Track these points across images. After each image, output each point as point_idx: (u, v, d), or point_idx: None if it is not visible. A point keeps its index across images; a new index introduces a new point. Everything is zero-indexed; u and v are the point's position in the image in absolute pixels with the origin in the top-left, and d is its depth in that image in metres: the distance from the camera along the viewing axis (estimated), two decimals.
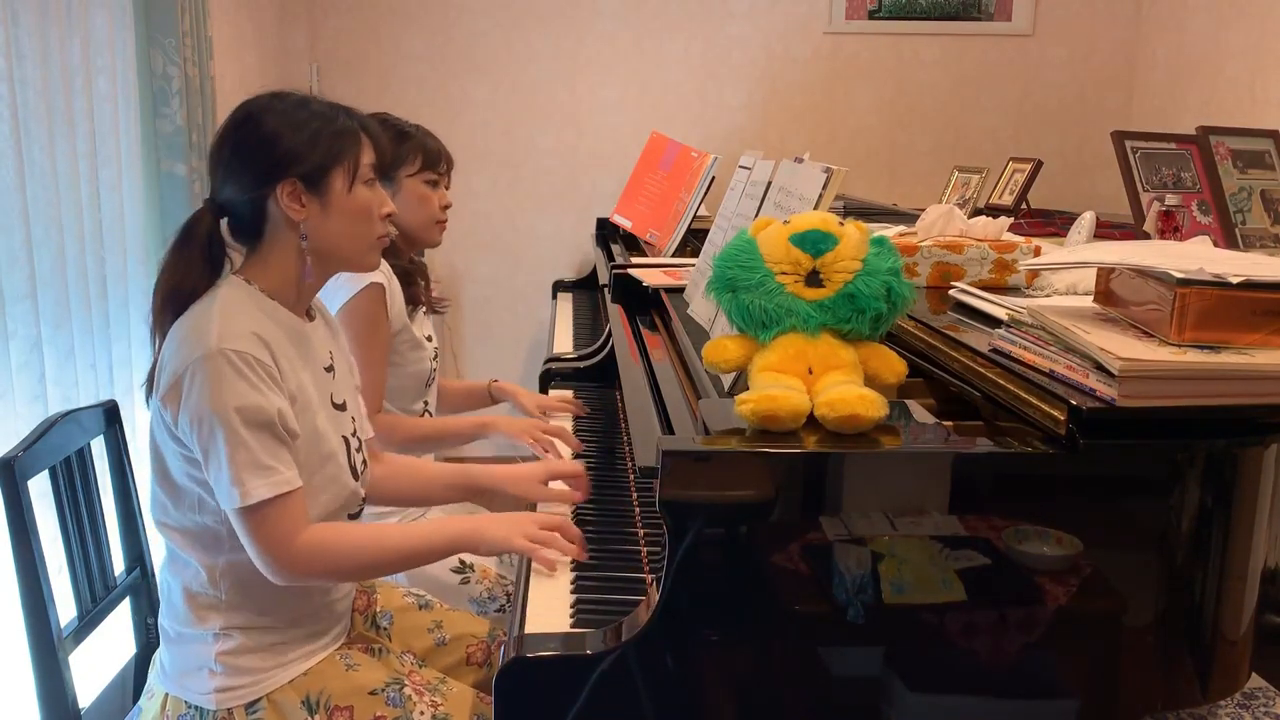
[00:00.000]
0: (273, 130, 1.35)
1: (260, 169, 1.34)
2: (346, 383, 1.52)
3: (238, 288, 1.37)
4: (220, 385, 1.26)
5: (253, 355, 1.29)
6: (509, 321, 3.96)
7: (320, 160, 1.36)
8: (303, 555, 1.31)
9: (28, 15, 2.13)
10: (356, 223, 1.40)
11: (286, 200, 1.35)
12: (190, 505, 1.34)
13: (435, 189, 2.06)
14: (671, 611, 1.11)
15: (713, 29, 3.81)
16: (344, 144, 1.38)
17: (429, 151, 2.04)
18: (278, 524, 1.29)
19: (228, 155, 1.37)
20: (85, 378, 2.33)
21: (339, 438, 1.43)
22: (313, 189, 1.36)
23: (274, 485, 1.28)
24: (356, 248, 1.42)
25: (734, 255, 1.23)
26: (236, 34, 3.26)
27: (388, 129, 2.00)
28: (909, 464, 1.13)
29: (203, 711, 1.36)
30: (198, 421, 1.27)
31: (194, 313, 1.33)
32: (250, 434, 1.27)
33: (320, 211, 1.37)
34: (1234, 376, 1.07)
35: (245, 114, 1.38)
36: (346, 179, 1.38)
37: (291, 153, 1.34)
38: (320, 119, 1.37)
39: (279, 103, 1.38)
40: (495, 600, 1.90)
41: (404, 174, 2.01)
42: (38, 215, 2.18)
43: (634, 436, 1.60)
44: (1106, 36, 3.83)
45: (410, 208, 2.02)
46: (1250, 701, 2.29)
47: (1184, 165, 2.50)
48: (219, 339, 1.27)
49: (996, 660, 1.13)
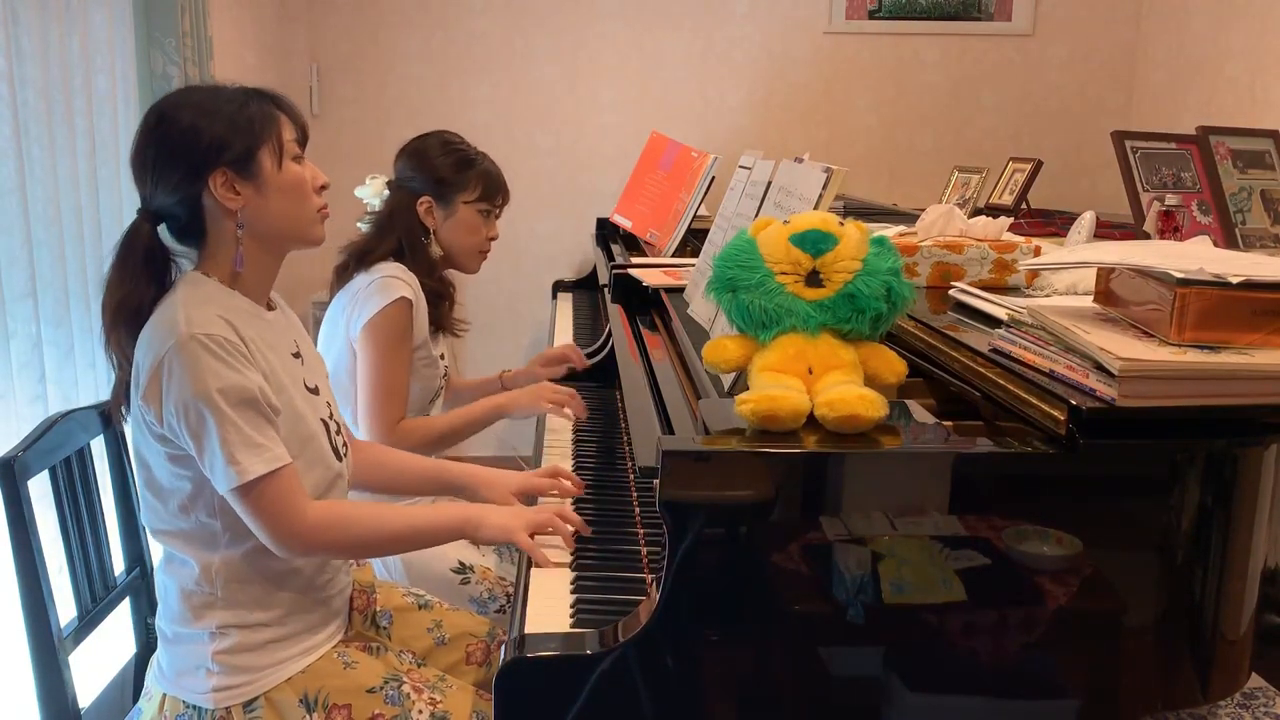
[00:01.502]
0: (190, 125, 1.33)
1: (187, 166, 1.33)
2: (317, 369, 1.53)
3: (197, 282, 1.37)
4: (199, 369, 1.27)
5: (223, 336, 1.29)
6: (509, 321, 3.96)
7: (245, 144, 1.35)
8: (312, 528, 1.33)
9: (27, 14, 2.13)
10: (293, 200, 1.40)
11: (221, 191, 1.34)
12: (180, 506, 1.34)
13: (487, 219, 2.11)
14: (671, 611, 1.11)
15: (713, 29, 3.81)
16: (264, 123, 1.37)
17: (490, 183, 2.09)
18: (277, 499, 1.30)
19: (151, 159, 1.35)
20: (85, 377, 2.33)
21: (317, 420, 1.44)
22: (244, 174, 1.35)
23: (268, 461, 1.29)
24: (299, 224, 1.42)
25: (734, 255, 1.23)
26: (236, 34, 3.26)
27: (454, 152, 2.06)
28: (909, 464, 1.13)
29: (201, 711, 1.36)
30: (182, 409, 1.27)
31: (159, 312, 1.33)
32: (236, 413, 1.28)
33: (256, 195, 1.36)
34: (1234, 376, 1.07)
35: (158, 115, 1.36)
36: (274, 158, 1.37)
37: (215, 143, 1.33)
38: (233, 104, 1.36)
39: (189, 97, 1.39)
40: (495, 600, 1.90)
41: (461, 199, 2.06)
42: (38, 215, 2.18)
43: (634, 436, 1.60)
44: (1106, 36, 3.83)
45: (459, 233, 2.07)
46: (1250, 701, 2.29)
47: (1184, 165, 2.50)
48: (188, 325, 1.28)
49: (996, 660, 1.13)
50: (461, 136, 2.14)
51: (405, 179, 2.07)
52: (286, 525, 1.31)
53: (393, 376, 1.91)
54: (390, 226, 2.03)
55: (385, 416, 1.89)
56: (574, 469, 1.84)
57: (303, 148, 1.43)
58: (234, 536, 1.34)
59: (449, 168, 2.05)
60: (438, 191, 2.05)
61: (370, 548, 1.50)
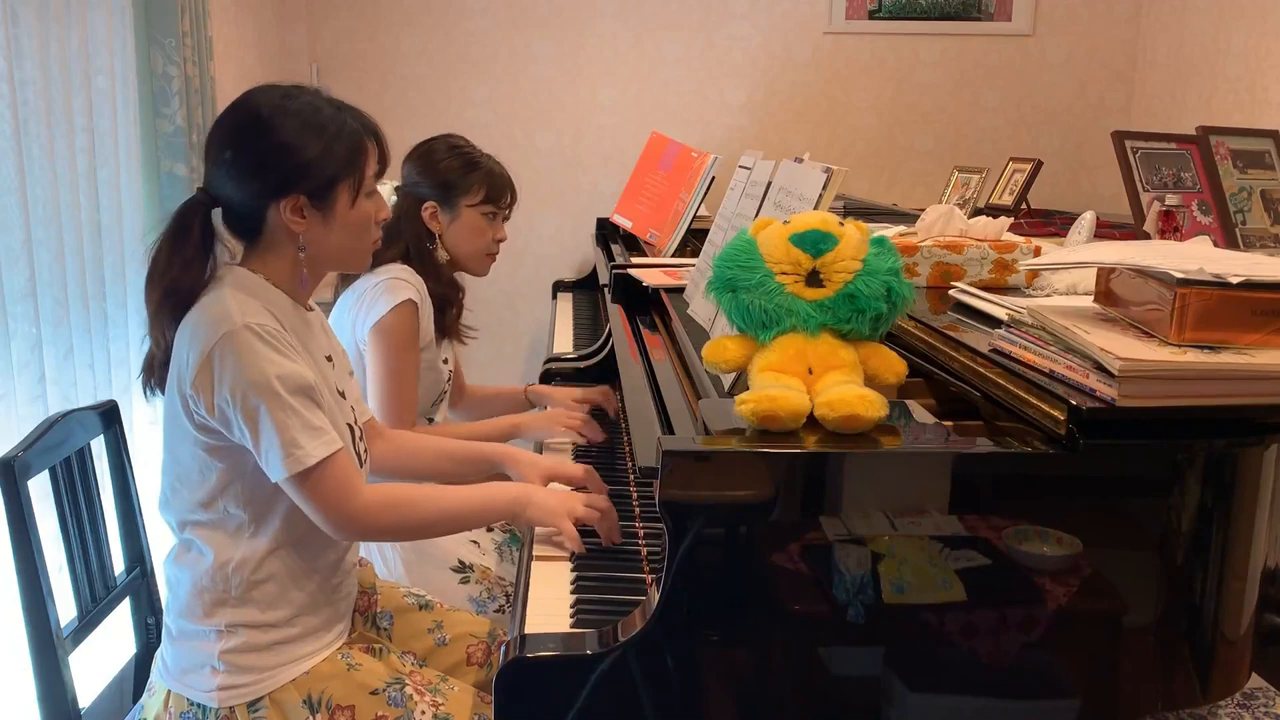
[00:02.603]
0: (282, 142, 1.33)
1: (266, 181, 1.34)
2: (345, 373, 1.54)
3: (244, 276, 1.37)
4: (255, 357, 1.28)
5: (274, 328, 1.31)
6: (509, 321, 3.95)
7: (328, 177, 1.35)
8: (369, 510, 1.35)
9: (27, 14, 2.13)
10: (355, 236, 1.41)
11: (289, 214, 1.34)
12: (208, 495, 1.34)
13: (493, 221, 2.09)
14: (671, 611, 1.11)
15: (713, 29, 3.81)
16: (352, 158, 1.37)
17: (495, 184, 2.08)
18: (336, 481, 1.31)
19: (230, 156, 1.35)
20: (84, 377, 2.33)
21: (344, 425, 1.45)
22: (317, 204, 1.35)
23: (326, 444, 1.30)
24: (351, 256, 1.44)
25: (734, 255, 1.23)
26: (236, 34, 3.26)
27: (458, 156, 2.06)
28: (909, 464, 1.13)
29: (205, 709, 1.36)
30: (239, 396, 1.27)
31: (206, 301, 1.33)
32: (294, 399, 1.29)
33: (321, 224, 1.37)
34: (1234, 376, 1.07)
35: (254, 115, 1.35)
36: (351, 194, 1.38)
37: (299, 168, 1.33)
38: (330, 128, 1.35)
39: (290, 104, 1.36)
40: (495, 600, 1.90)
41: (465, 202, 2.05)
42: (38, 215, 2.18)
43: (634, 436, 1.60)
44: (1106, 36, 3.83)
45: (464, 237, 2.07)
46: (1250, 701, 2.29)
47: (1184, 165, 2.50)
48: (241, 315, 1.29)
49: (996, 660, 1.13)
50: (467, 139, 2.14)
51: (411, 184, 2.07)
52: (346, 507, 1.33)
53: (402, 381, 1.91)
54: (397, 232, 2.02)
55: (396, 420, 1.89)
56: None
57: (380, 178, 1.44)
58: (258, 529, 1.35)
59: (452, 171, 2.05)
60: (442, 196, 2.05)
61: (425, 528, 1.52)
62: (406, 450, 1.69)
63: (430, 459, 1.72)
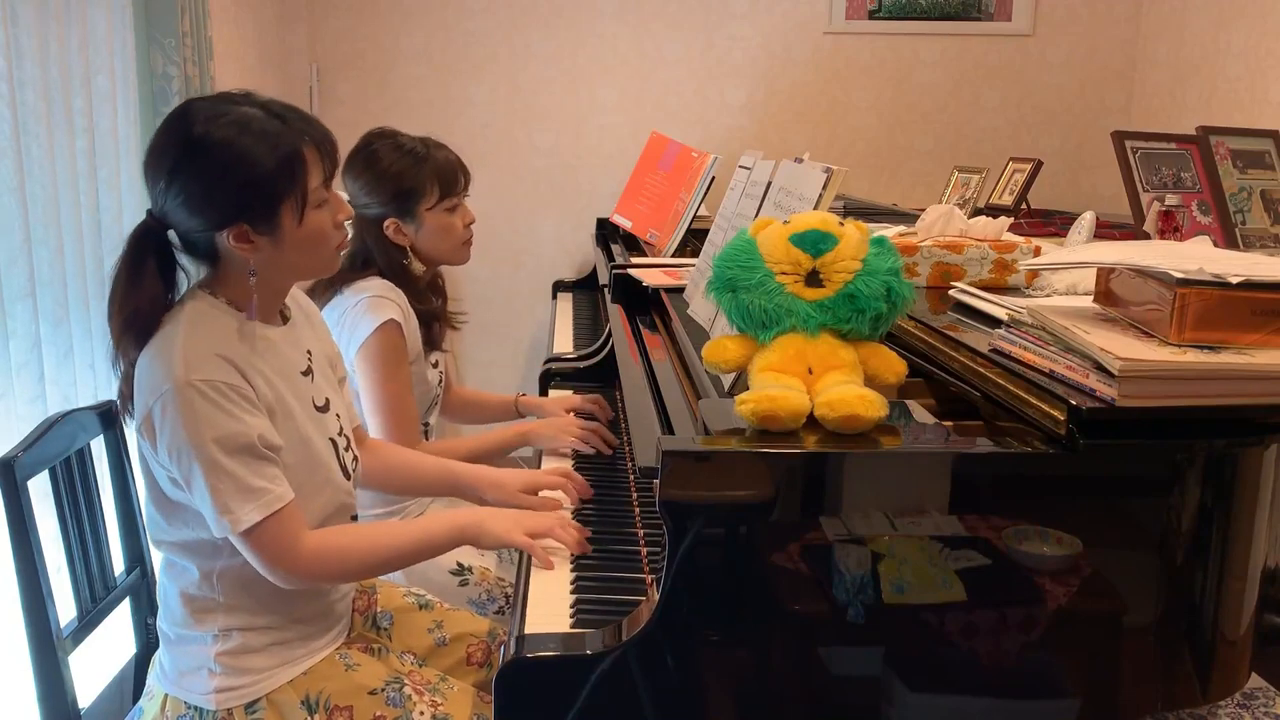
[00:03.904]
0: (214, 172, 1.26)
1: (207, 215, 1.28)
2: (326, 380, 1.49)
3: (201, 302, 1.33)
4: (194, 418, 1.24)
5: (222, 381, 1.25)
6: (509, 321, 3.96)
7: (267, 198, 1.28)
8: (309, 562, 1.32)
9: (27, 14, 2.13)
10: (311, 250, 1.34)
11: (235, 243, 1.29)
12: (184, 521, 1.33)
13: (456, 213, 2.01)
14: (671, 611, 1.11)
15: (713, 29, 3.81)
16: (289, 174, 1.28)
17: (444, 177, 1.97)
18: (275, 540, 1.29)
19: (164, 186, 1.28)
20: (84, 377, 2.33)
21: (325, 440, 1.42)
22: (262, 229, 1.29)
23: (264, 506, 1.27)
24: (311, 270, 1.40)
25: (734, 255, 1.23)
26: (236, 34, 3.26)
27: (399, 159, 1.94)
28: (909, 464, 1.13)
29: (202, 712, 1.36)
30: (175, 454, 1.25)
31: (159, 337, 1.29)
32: (232, 461, 1.25)
33: (272, 247, 1.31)
34: (1234, 376, 1.07)
35: (184, 141, 1.27)
36: (295, 211, 1.30)
37: (237, 197, 1.27)
38: (263, 145, 1.26)
39: (219, 125, 1.26)
40: (494, 601, 1.90)
41: (423, 208, 1.96)
42: (37, 215, 2.18)
43: (634, 436, 1.60)
44: (1106, 36, 3.83)
45: (434, 239, 1.99)
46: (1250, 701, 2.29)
47: (1184, 165, 2.50)
48: (185, 369, 1.24)
49: (997, 660, 1.13)
50: (395, 132, 2.01)
51: (362, 205, 1.96)
52: (285, 562, 1.30)
53: (398, 399, 1.88)
54: (367, 253, 1.96)
55: (400, 440, 1.86)
56: (574, 469, 1.84)
57: (330, 181, 1.36)
58: (234, 549, 1.33)
59: (399, 180, 1.94)
60: (398, 209, 1.95)
61: (370, 570, 1.48)
62: (383, 465, 1.67)
63: (405, 474, 1.70)
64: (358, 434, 1.63)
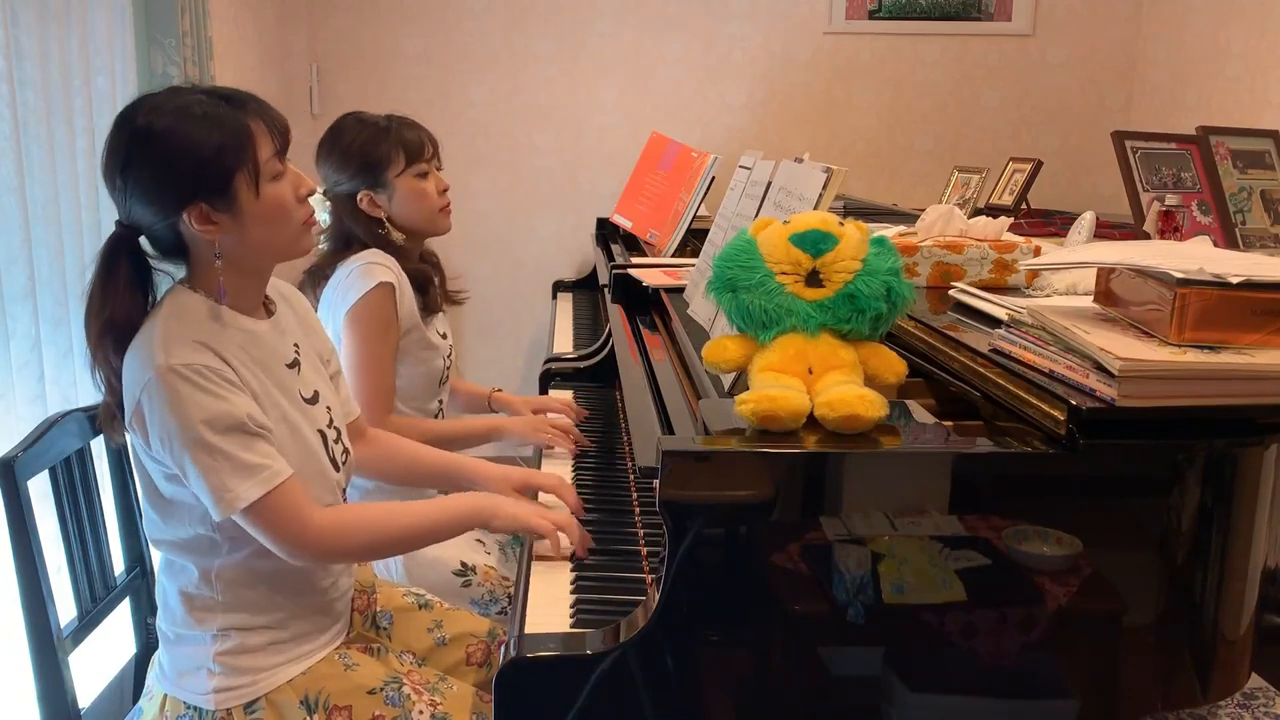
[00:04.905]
0: (162, 155, 1.27)
1: (161, 198, 1.28)
2: (316, 374, 1.49)
3: (181, 296, 1.33)
4: (179, 402, 1.24)
5: (202, 364, 1.26)
6: (509, 321, 3.96)
7: (217, 174, 1.28)
8: (318, 535, 1.32)
9: (27, 14, 2.13)
10: (273, 224, 1.33)
11: (197, 225, 1.29)
12: (181, 518, 1.33)
13: (427, 179, 2.01)
14: (671, 611, 1.11)
15: (713, 29, 3.81)
16: (238, 149, 1.28)
17: (408, 144, 1.98)
18: (281, 514, 1.29)
19: (121, 184, 1.30)
20: (84, 377, 2.32)
21: (314, 432, 1.42)
22: (219, 206, 1.29)
23: (263, 482, 1.27)
24: (279, 245, 1.37)
25: (734, 255, 1.23)
26: (236, 34, 3.26)
27: (361, 132, 1.97)
28: (909, 464, 1.13)
29: (201, 712, 1.36)
30: (166, 441, 1.26)
31: (141, 336, 1.30)
32: (223, 440, 1.25)
33: (233, 224, 1.31)
34: (1234, 376, 1.07)
35: (130, 135, 1.28)
36: (251, 185, 1.30)
37: (188, 176, 1.27)
38: (205, 125, 1.27)
39: (161, 114, 1.28)
40: (497, 601, 1.90)
41: (392, 175, 1.97)
42: (37, 215, 2.18)
43: (634, 436, 1.60)
44: (1106, 36, 3.83)
45: (408, 206, 1.99)
46: (1250, 701, 2.29)
47: (1184, 165, 2.50)
48: (165, 355, 1.25)
49: (997, 660, 1.13)
50: (359, 112, 2.03)
51: (334, 184, 1.99)
52: (295, 536, 1.30)
53: (378, 368, 1.87)
54: (348, 232, 1.97)
55: (373, 409, 1.85)
56: (574, 468, 1.84)
57: (284, 154, 1.36)
58: (233, 545, 1.34)
59: (364, 151, 1.96)
60: (367, 180, 1.96)
61: (383, 547, 1.49)
62: (383, 455, 1.68)
63: (405, 464, 1.70)
64: (356, 426, 1.63)
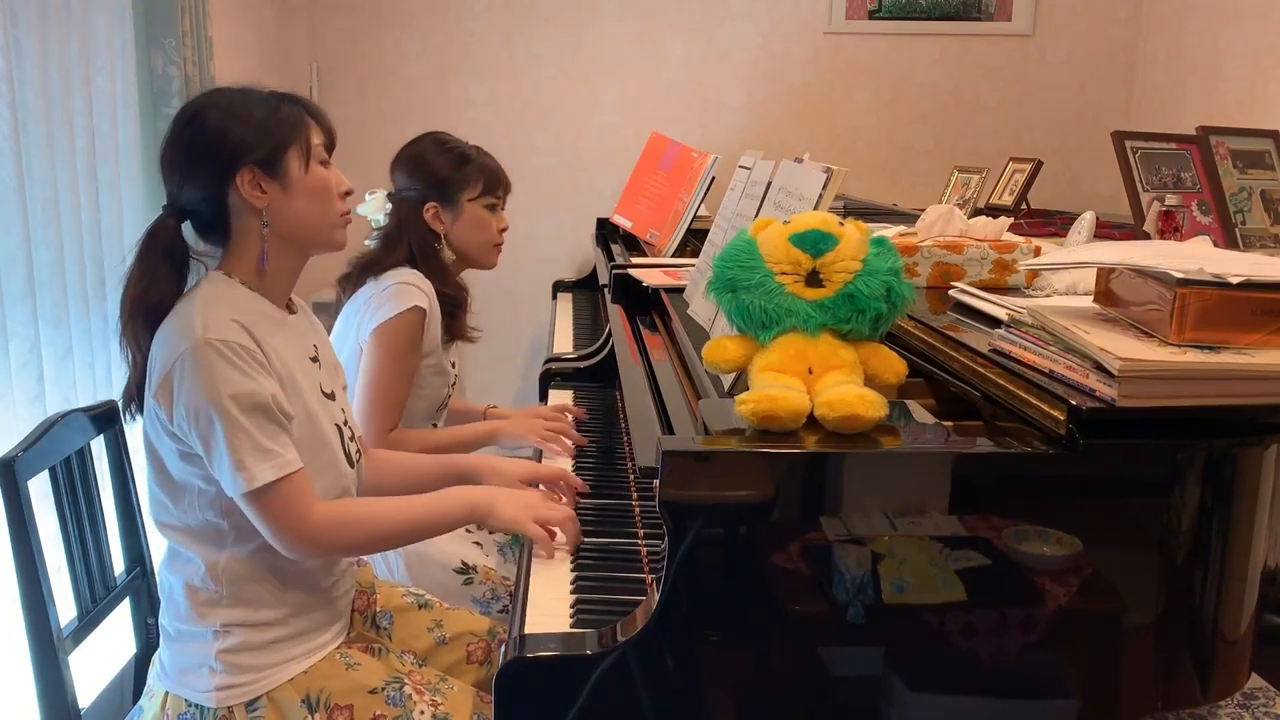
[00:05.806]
0: (219, 124, 1.35)
1: (216, 164, 1.35)
2: (334, 374, 1.53)
3: (218, 282, 1.38)
4: (212, 374, 1.28)
5: (238, 343, 1.30)
6: (509, 321, 3.95)
7: (273, 144, 1.36)
8: (319, 530, 1.34)
9: (27, 14, 2.13)
10: (318, 202, 1.41)
11: (247, 189, 1.35)
12: (190, 502, 1.35)
13: (494, 213, 2.09)
14: (671, 611, 1.10)
15: (713, 29, 3.81)
16: (293, 126, 1.38)
17: (490, 175, 2.07)
18: (287, 504, 1.31)
19: (180, 159, 1.37)
20: (83, 378, 2.33)
21: (331, 426, 1.44)
22: (270, 173, 1.36)
23: (277, 468, 1.30)
24: (322, 227, 1.43)
25: (734, 255, 1.23)
26: (236, 34, 3.26)
27: (448, 152, 2.05)
28: (909, 464, 1.13)
29: (203, 710, 1.36)
30: (193, 412, 1.28)
31: (177, 311, 1.34)
32: (247, 419, 1.28)
33: (281, 194, 1.37)
34: (1234, 376, 1.07)
35: (189, 115, 1.38)
36: (301, 160, 1.39)
37: (243, 142, 1.35)
38: (264, 107, 1.38)
39: (219, 98, 1.39)
40: (499, 600, 1.90)
41: (465, 197, 2.04)
42: (36, 215, 2.18)
43: (634, 436, 1.60)
44: (1106, 36, 3.83)
45: (470, 231, 2.06)
46: (1250, 701, 2.29)
47: (1184, 165, 2.50)
48: (204, 329, 1.29)
49: (997, 660, 1.13)
50: (450, 134, 2.12)
51: (405, 188, 2.05)
52: (294, 529, 1.32)
53: (393, 385, 1.90)
54: (399, 238, 2.01)
55: (377, 424, 1.88)
56: (574, 468, 1.84)
57: (330, 154, 1.44)
58: (240, 536, 1.35)
59: (447, 168, 2.04)
60: (441, 194, 2.03)
61: (380, 542, 1.52)
62: (381, 469, 1.68)
63: (404, 475, 1.70)
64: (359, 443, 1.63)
